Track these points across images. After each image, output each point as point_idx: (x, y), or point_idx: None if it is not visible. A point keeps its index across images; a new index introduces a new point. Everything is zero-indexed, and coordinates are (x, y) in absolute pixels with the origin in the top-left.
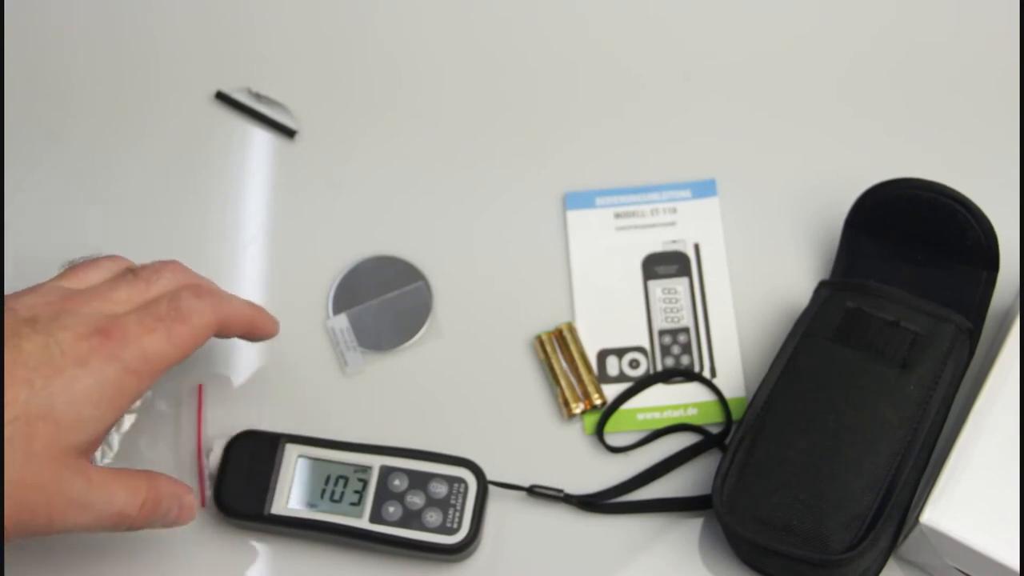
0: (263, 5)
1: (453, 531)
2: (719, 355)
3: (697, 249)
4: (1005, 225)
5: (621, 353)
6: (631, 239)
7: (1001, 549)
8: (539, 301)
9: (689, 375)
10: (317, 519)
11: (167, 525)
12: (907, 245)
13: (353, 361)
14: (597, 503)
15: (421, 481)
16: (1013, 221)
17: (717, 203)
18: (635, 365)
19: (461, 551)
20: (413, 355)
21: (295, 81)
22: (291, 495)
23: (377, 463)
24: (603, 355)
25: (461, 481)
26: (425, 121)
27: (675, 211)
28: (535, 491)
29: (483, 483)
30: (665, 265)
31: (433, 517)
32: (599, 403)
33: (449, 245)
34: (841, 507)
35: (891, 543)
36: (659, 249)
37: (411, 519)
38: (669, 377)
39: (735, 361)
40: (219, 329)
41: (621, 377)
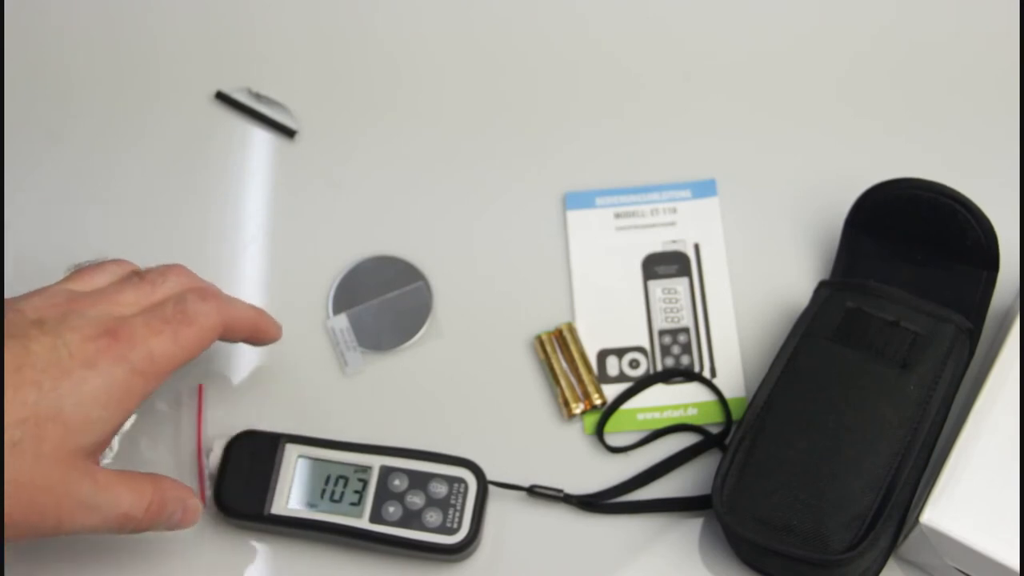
0: (263, 5)
1: (453, 531)
2: (719, 355)
3: (697, 249)
4: (1005, 225)
5: (621, 353)
6: (631, 239)
7: (1001, 549)
8: (539, 301)
9: (689, 375)
10: (317, 519)
11: (171, 528)
12: (907, 245)
13: (353, 361)
14: (597, 503)
15: (421, 481)
16: (1013, 221)
17: (717, 203)
18: (635, 365)
19: (461, 551)
20: (413, 355)
21: (295, 81)
22: (291, 495)
23: (377, 463)
24: (603, 355)
25: (461, 481)
26: (425, 121)
27: (675, 211)
28: (535, 491)
29: (483, 483)
30: (665, 265)
31: (433, 517)
32: (599, 403)
33: (449, 245)
34: (841, 507)
35: (891, 543)
36: (659, 249)
37: (411, 519)
38: (669, 377)
39: (735, 361)
40: (224, 332)
41: (621, 377)
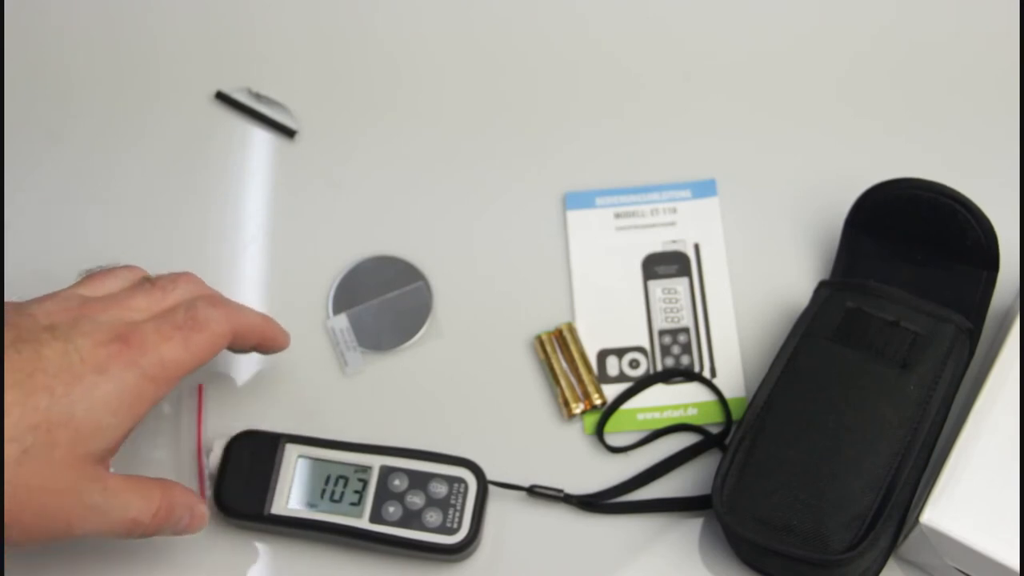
0: (263, 5)
1: (453, 531)
2: (719, 355)
3: (697, 249)
4: (1005, 225)
5: (621, 353)
6: (631, 239)
7: (1001, 549)
8: (539, 301)
9: (689, 375)
10: (317, 519)
11: (178, 533)
12: (907, 245)
13: (353, 361)
14: (597, 503)
15: (421, 481)
16: (1013, 221)
17: (717, 203)
18: (635, 365)
19: (461, 551)
20: (413, 355)
21: (295, 81)
22: (291, 495)
23: (377, 463)
24: (603, 355)
25: (461, 481)
26: (425, 121)
27: (675, 211)
28: (535, 491)
29: (483, 483)
30: (665, 265)
31: (433, 517)
32: (599, 403)
33: (449, 245)
34: (841, 507)
35: (891, 543)
36: (659, 249)
37: (411, 519)
38: (669, 377)
39: (735, 361)
40: (233, 339)
41: (621, 377)
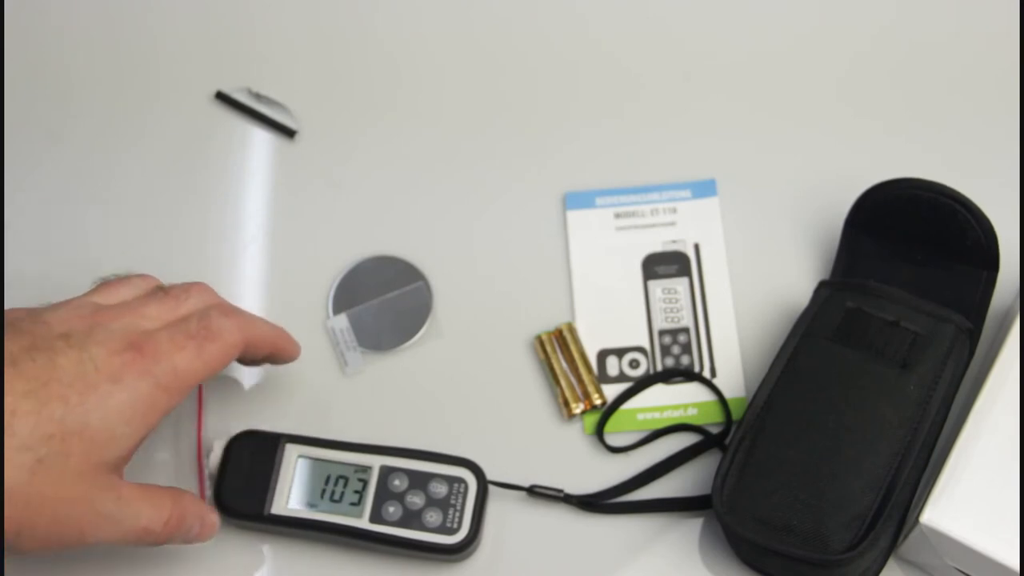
0: (263, 5)
1: (453, 531)
2: (719, 355)
3: (697, 249)
4: (1005, 225)
5: (621, 353)
6: (631, 239)
7: (1001, 549)
8: (539, 301)
9: (689, 375)
10: (317, 519)
11: (188, 542)
12: (907, 245)
13: (353, 361)
14: (597, 503)
15: (421, 481)
16: (1013, 221)
17: (717, 203)
18: (635, 365)
19: (461, 551)
20: (413, 355)
21: (295, 81)
22: (291, 495)
23: (377, 463)
24: (603, 355)
25: (461, 481)
26: (425, 121)
27: (675, 211)
28: (535, 491)
29: (483, 483)
30: (665, 265)
31: (433, 517)
32: (599, 403)
33: (449, 245)
34: (841, 507)
35: (891, 543)
36: (659, 249)
37: (411, 519)
38: (669, 377)
39: (735, 361)
40: (245, 349)
41: (621, 377)
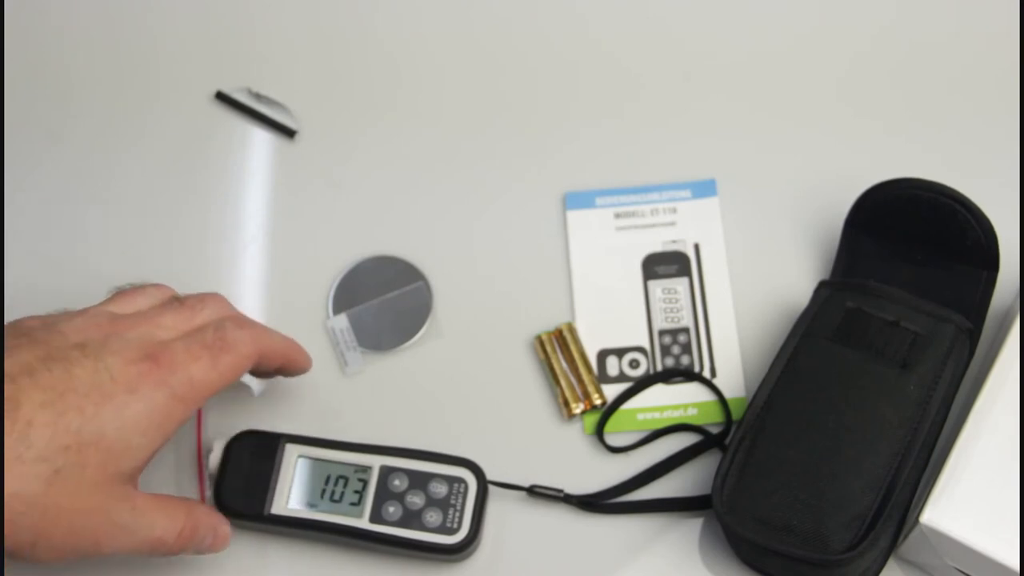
0: (263, 5)
1: (453, 531)
2: (719, 355)
3: (697, 249)
4: (1005, 225)
5: (621, 353)
6: (631, 239)
7: (1001, 549)
8: (539, 301)
9: (689, 375)
10: (317, 519)
11: (201, 552)
12: (907, 245)
13: (353, 361)
14: (597, 503)
15: (421, 481)
16: (1013, 221)
17: (717, 203)
18: (635, 365)
19: (461, 551)
20: (413, 355)
21: (295, 81)
22: (291, 495)
23: (377, 463)
24: (603, 355)
25: (461, 481)
26: (425, 121)
27: (675, 211)
28: (535, 491)
29: (483, 483)
30: (665, 265)
31: (433, 517)
32: (599, 403)
33: (449, 245)
34: (841, 507)
35: (891, 543)
36: (659, 249)
37: (411, 519)
38: (669, 377)
39: (735, 361)
40: (258, 360)
41: (621, 377)
